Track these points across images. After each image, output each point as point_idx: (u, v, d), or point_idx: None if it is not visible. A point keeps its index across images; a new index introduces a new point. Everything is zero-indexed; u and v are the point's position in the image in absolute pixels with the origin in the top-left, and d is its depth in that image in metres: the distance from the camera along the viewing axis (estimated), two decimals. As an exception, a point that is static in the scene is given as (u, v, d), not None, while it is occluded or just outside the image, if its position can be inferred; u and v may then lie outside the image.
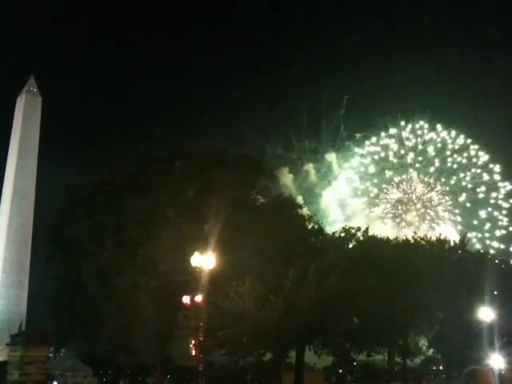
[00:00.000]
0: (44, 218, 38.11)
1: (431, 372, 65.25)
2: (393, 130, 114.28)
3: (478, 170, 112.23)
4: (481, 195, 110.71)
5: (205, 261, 25.59)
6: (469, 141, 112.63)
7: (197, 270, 25.55)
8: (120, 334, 33.77)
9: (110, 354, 44.58)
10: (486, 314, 37.67)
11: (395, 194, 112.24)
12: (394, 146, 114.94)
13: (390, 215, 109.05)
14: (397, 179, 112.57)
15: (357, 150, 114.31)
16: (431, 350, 55.85)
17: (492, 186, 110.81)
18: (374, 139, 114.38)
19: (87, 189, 36.90)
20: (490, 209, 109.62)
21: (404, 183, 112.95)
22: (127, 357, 39.91)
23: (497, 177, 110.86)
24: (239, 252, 32.06)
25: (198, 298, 25.65)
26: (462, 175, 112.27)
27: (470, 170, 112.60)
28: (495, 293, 41.05)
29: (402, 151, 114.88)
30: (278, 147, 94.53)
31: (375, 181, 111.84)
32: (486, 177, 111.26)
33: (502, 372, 33.59)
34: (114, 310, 32.67)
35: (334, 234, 47.72)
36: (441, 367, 62.90)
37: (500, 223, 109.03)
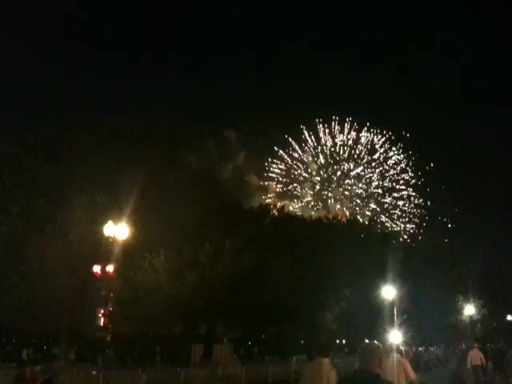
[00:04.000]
0: None
1: (335, 346, 68.44)
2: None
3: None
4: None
5: (118, 230, 25.24)
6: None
7: (110, 240, 25.17)
8: (25, 304, 32.70)
9: (13, 323, 43.02)
10: (389, 292, 40.05)
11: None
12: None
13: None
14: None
15: None
16: (335, 325, 58.54)
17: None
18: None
19: None
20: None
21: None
22: (32, 327, 38.71)
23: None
24: (154, 224, 31.83)
25: (110, 268, 25.31)
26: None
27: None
28: (397, 272, 43.62)
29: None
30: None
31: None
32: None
33: (402, 349, 35.88)
34: (18, 278, 31.56)
35: (250, 209, 48.40)
36: (344, 341, 66.15)
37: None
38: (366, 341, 5.78)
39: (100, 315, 25.41)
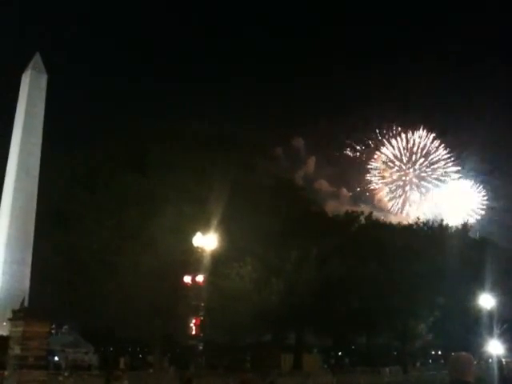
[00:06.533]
0: (47, 195, 38.04)
1: (430, 357, 65.71)
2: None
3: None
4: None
5: (207, 241, 25.62)
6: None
7: (199, 250, 25.57)
8: (120, 312, 33.93)
9: (110, 331, 44.90)
10: (487, 300, 37.78)
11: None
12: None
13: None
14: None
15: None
16: (430, 335, 56.18)
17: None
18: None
19: (87, 166, 36.67)
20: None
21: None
22: (127, 334, 40.16)
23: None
24: (240, 233, 32.01)
25: (200, 278, 25.70)
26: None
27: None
28: (496, 280, 41.14)
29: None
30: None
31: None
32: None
33: (504, 360, 33.69)
34: (114, 287, 32.76)
35: (336, 217, 47.69)
36: (439, 352, 63.30)
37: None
38: (457, 353, 5.38)
39: (192, 324, 25.83)
